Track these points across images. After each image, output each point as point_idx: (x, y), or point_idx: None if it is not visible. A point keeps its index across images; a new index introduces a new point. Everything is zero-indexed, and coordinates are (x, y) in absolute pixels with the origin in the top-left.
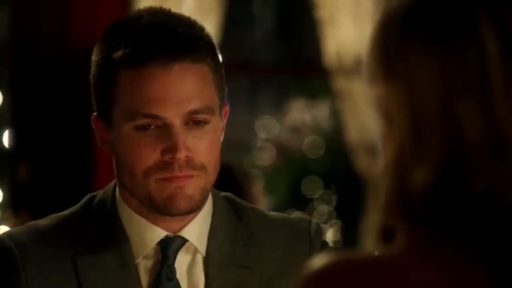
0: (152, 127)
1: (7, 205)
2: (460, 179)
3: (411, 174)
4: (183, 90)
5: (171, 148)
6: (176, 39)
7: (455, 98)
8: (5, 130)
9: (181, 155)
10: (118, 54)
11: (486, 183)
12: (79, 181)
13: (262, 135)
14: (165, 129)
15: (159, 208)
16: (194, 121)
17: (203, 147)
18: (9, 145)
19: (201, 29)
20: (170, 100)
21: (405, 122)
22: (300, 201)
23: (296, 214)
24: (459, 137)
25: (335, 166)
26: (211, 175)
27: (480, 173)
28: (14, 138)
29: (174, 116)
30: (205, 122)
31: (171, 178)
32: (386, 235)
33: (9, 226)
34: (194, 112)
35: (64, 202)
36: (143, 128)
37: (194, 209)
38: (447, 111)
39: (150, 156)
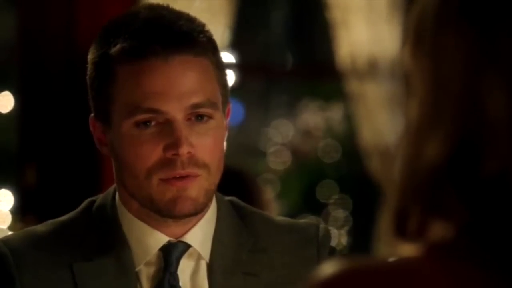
0: (152, 123)
1: (14, 210)
2: (473, 158)
3: (424, 148)
4: (184, 83)
5: (174, 144)
6: (176, 31)
7: (481, 73)
8: (12, 134)
9: (184, 150)
10: (116, 49)
11: (500, 165)
12: (87, 185)
13: (275, 138)
14: (167, 125)
15: (161, 211)
16: (197, 116)
17: (206, 144)
18: (15, 148)
19: (201, 25)
20: (172, 93)
21: (426, 92)
22: (315, 206)
23: (308, 219)
24: (479, 112)
25: (350, 170)
26: (214, 175)
27: (495, 153)
28: (21, 141)
29: (176, 110)
30: (209, 117)
31: (174, 179)
32: (401, 224)
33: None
34: (197, 105)
35: (72, 207)
36: (143, 124)
37: (198, 212)
38: (471, 85)
39: (152, 153)
